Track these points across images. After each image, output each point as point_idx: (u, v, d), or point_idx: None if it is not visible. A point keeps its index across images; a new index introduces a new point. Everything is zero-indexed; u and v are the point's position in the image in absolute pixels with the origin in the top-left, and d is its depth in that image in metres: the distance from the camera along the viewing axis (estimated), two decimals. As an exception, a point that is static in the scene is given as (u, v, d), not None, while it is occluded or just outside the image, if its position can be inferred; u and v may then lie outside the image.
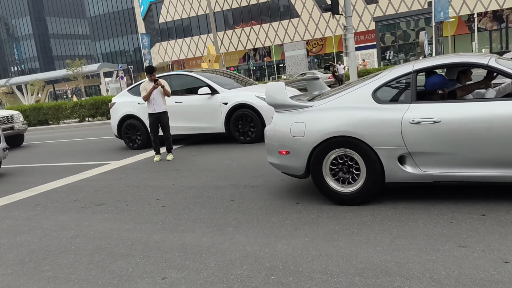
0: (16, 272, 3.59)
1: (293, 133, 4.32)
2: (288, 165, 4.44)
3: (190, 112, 9.20)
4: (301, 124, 4.28)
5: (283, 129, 4.41)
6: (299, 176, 4.45)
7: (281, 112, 4.53)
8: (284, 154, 4.44)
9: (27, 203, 5.99)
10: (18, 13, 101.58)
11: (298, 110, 4.42)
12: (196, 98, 9.14)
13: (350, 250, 3.21)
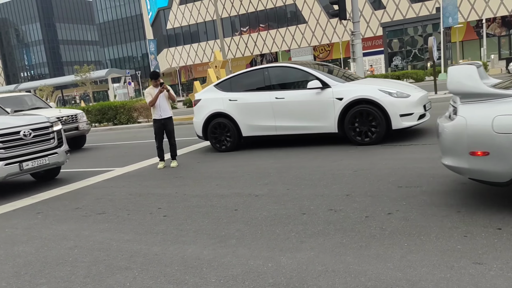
0: (10, 285, 3.46)
1: (498, 129, 3.49)
2: (486, 169, 3.62)
3: (294, 109, 8.06)
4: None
5: (479, 123, 3.58)
6: (501, 184, 3.63)
7: (472, 103, 3.69)
8: (479, 156, 3.62)
9: (28, 211, 5.88)
10: (28, 19, 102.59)
11: (502, 99, 3.55)
12: (302, 93, 8.00)
13: (359, 266, 3.04)
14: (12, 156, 6.79)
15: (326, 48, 51.08)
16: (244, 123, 8.61)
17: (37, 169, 7.10)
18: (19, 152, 6.87)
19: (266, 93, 8.37)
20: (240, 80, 8.83)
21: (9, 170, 6.70)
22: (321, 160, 6.90)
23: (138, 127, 18.50)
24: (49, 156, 7.25)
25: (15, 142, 6.84)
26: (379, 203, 4.39)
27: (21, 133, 6.89)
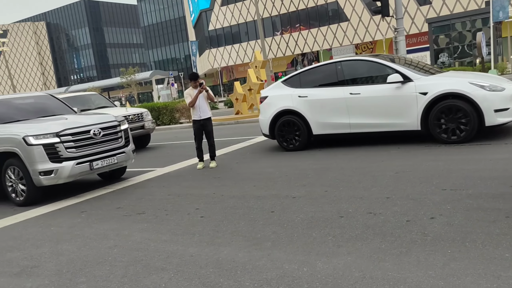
0: (52, 283, 3.57)
1: None
2: None
3: (371, 105, 7.54)
4: None
5: None
6: None
7: None
8: None
9: (73, 210, 6.08)
10: (77, 24, 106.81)
11: None
12: (380, 88, 7.47)
13: (398, 273, 2.91)
14: (83, 155, 6.73)
15: (368, 46, 50.07)
16: (315, 120, 8.16)
17: (106, 169, 7.10)
18: (89, 151, 6.82)
19: (339, 89, 7.87)
20: (310, 75, 8.42)
21: (80, 169, 6.64)
22: (360, 161, 6.73)
23: (179, 128, 18.81)
24: (117, 156, 7.21)
25: (85, 141, 6.78)
26: (421, 206, 4.21)
27: (91, 132, 6.83)
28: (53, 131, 6.52)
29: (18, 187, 6.72)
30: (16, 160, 6.59)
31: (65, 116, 7.33)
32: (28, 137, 6.39)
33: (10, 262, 4.23)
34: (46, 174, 6.42)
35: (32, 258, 4.26)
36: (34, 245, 4.67)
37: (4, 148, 6.67)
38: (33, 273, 3.85)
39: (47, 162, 6.42)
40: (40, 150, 6.39)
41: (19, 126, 6.78)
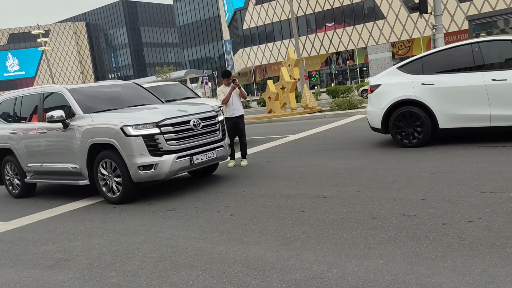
0: (83, 277, 3.62)
1: None
2: None
3: None
4: None
5: None
6: None
7: None
8: None
9: (106, 205, 6.18)
10: (115, 24, 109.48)
11: None
12: None
13: (432, 279, 2.78)
14: (183, 149, 6.04)
15: (405, 44, 48.97)
16: (442, 112, 7.01)
17: (205, 164, 6.36)
18: (189, 144, 6.13)
19: (477, 74, 6.74)
20: (436, 59, 7.27)
21: (180, 164, 5.94)
22: (395, 161, 6.54)
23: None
24: (216, 150, 6.50)
25: (185, 133, 6.09)
26: (458, 209, 4.03)
27: (191, 123, 6.16)
28: (153, 121, 5.87)
29: (112, 182, 6.11)
30: (111, 153, 5.97)
31: (157, 106, 6.68)
32: (127, 127, 5.75)
33: (44, 254, 4.34)
34: (145, 168, 5.77)
35: (65, 251, 4.35)
36: (67, 239, 4.77)
37: (99, 139, 6.02)
38: (65, 266, 3.93)
39: (147, 155, 5.76)
40: (139, 142, 5.74)
41: (115, 115, 6.14)
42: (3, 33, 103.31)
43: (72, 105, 6.48)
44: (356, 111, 15.74)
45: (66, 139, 6.46)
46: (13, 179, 7.75)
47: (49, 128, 6.71)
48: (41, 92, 7.10)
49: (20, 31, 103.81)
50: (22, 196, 7.67)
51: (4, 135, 7.60)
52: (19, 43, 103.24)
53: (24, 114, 7.45)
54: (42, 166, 7.00)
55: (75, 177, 6.62)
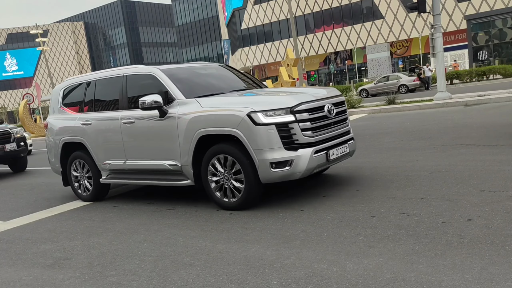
0: (83, 275, 3.62)
1: None
2: None
3: None
4: None
5: None
6: None
7: None
8: None
9: (105, 204, 6.18)
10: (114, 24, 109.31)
11: None
12: None
13: (432, 276, 2.79)
14: (319, 141, 4.84)
15: (404, 44, 48.98)
16: None
17: (339, 161, 5.22)
18: (325, 135, 4.95)
19: None
20: None
21: (317, 161, 4.75)
22: (394, 160, 6.55)
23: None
24: (349, 143, 5.39)
25: (321, 121, 4.89)
26: (457, 208, 4.04)
27: (325, 109, 4.96)
28: (287, 106, 4.65)
29: (230, 183, 4.89)
30: (230, 147, 4.79)
31: (264, 91, 5.64)
32: (256, 113, 4.58)
33: (44, 253, 4.33)
34: (278, 166, 4.60)
35: (65, 250, 4.35)
36: (67, 238, 4.77)
37: (213, 129, 4.85)
38: (65, 265, 3.93)
39: (281, 149, 4.59)
40: (272, 132, 4.56)
41: (231, 99, 5.00)
42: (1, 33, 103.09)
43: (169, 88, 5.32)
44: (354, 110, 15.75)
45: (162, 130, 5.30)
46: (83, 179, 6.51)
47: (138, 117, 5.57)
48: (123, 74, 5.92)
49: (19, 31, 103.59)
50: (94, 199, 6.47)
51: (73, 127, 6.40)
52: (18, 43, 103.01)
53: (100, 101, 6.22)
54: (126, 163, 5.84)
55: (172, 176, 5.46)
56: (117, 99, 5.92)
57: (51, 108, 6.97)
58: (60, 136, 6.58)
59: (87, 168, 6.38)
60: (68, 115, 6.58)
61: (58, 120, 6.72)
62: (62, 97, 6.81)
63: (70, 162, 6.56)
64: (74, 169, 6.57)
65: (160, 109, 5.23)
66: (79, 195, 6.59)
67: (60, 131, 6.59)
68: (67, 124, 6.50)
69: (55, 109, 6.88)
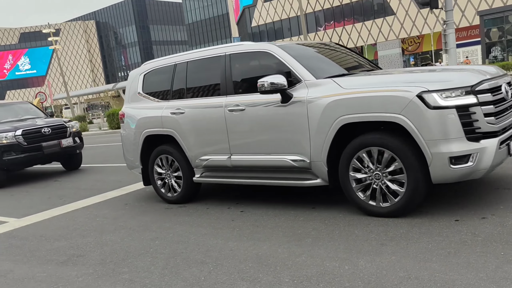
0: (96, 272, 3.66)
1: None
2: None
3: None
4: None
5: None
6: None
7: None
8: None
9: (117, 202, 6.23)
10: (125, 22, 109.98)
11: None
12: None
13: (446, 275, 2.76)
14: (502, 130, 3.89)
15: (415, 40, 48.54)
16: None
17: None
18: (505, 121, 3.95)
19: None
20: None
21: (501, 155, 3.84)
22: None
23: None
24: None
25: (501, 105, 3.93)
26: (471, 205, 4.00)
27: (502, 89, 4.00)
28: (466, 84, 3.72)
29: (383, 183, 3.98)
30: (387, 137, 3.87)
31: (420, 69, 4.67)
32: (430, 94, 3.66)
33: (57, 250, 4.38)
34: (458, 161, 3.66)
35: (78, 247, 4.39)
36: (80, 235, 4.81)
37: (370, 115, 3.89)
38: (78, 262, 3.96)
39: (462, 139, 3.65)
40: (453, 118, 3.64)
41: (392, 77, 4.05)
42: (15, 32, 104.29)
43: (293, 67, 4.41)
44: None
45: (285, 118, 4.39)
46: (169, 178, 5.62)
47: (250, 103, 4.65)
48: (224, 53, 4.98)
49: (31, 30, 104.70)
50: (182, 201, 5.56)
51: (159, 117, 5.50)
52: (30, 42, 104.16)
53: (195, 85, 5.30)
54: (230, 159, 4.94)
55: (294, 175, 4.54)
56: (218, 83, 5.02)
57: (127, 97, 6.13)
58: (142, 128, 5.71)
59: (176, 165, 5.49)
60: (152, 103, 5.70)
61: (138, 109, 5.84)
62: (142, 83, 5.93)
63: (154, 158, 5.70)
64: (159, 166, 5.69)
65: (283, 92, 4.34)
66: (163, 196, 5.73)
67: (142, 123, 5.72)
68: (151, 114, 5.60)
69: (133, 97, 6.01)
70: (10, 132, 9.01)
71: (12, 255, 4.44)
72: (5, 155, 8.94)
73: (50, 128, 9.47)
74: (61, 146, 9.49)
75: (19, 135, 9.03)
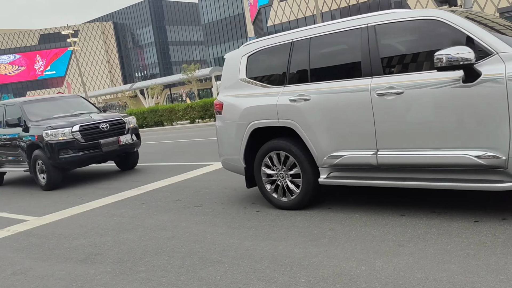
0: (114, 271, 3.70)
1: None
2: None
3: None
4: None
5: None
6: None
7: None
8: None
9: (135, 201, 6.29)
10: (142, 23, 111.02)
11: None
12: None
13: (465, 277, 2.72)
14: None
15: (434, 38, 47.89)
16: None
17: None
18: None
19: None
20: None
21: None
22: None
23: (238, 123, 18.97)
24: None
25: None
26: (491, 206, 3.93)
27: None
28: None
29: None
30: None
31: None
32: None
33: (76, 249, 4.44)
34: None
35: (96, 246, 4.45)
36: (98, 234, 4.87)
37: None
38: (96, 260, 4.01)
39: None
40: None
41: None
42: (34, 34, 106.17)
43: (479, 37, 3.48)
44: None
45: (469, 101, 3.46)
46: (283, 178, 4.67)
47: (412, 84, 3.72)
48: (366, 24, 4.09)
49: (51, 32, 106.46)
50: (298, 206, 4.62)
51: (274, 106, 4.58)
52: (50, 43, 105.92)
53: (323, 65, 4.40)
54: (376, 155, 4.00)
55: (477, 175, 3.59)
56: (357, 62, 4.10)
57: (224, 84, 5.31)
58: (248, 120, 4.81)
59: (290, 163, 4.59)
60: (261, 90, 4.81)
61: (241, 98, 4.96)
62: (246, 67, 5.04)
63: (262, 155, 4.79)
64: (267, 166, 4.80)
65: (469, 68, 3.42)
66: (273, 200, 4.82)
67: (248, 113, 4.81)
68: (262, 103, 4.70)
69: (233, 84, 5.15)
70: (67, 128, 8.12)
71: (32, 253, 4.52)
72: (62, 153, 8.05)
73: (108, 123, 8.55)
74: (119, 143, 8.56)
75: (76, 131, 8.16)
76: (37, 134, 8.23)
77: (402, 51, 3.97)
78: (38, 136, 8.18)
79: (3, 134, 9.20)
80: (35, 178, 8.56)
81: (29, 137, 8.42)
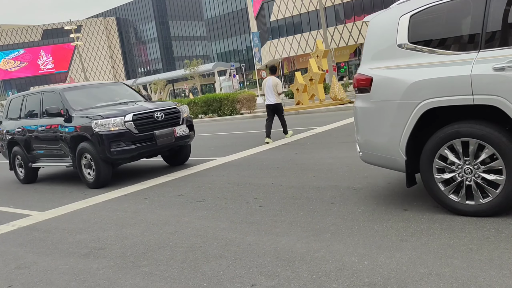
0: (117, 265, 3.71)
1: None
2: None
3: None
4: None
5: None
6: None
7: None
8: None
9: (137, 196, 6.30)
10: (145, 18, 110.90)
11: None
12: None
13: (467, 271, 2.71)
14: None
15: (437, 33, 47.64)
16: None
17: None
18: None
19: None
20: None
21: None
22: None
23: (240, 118, 18.98)
24: None
25: None
26: (494, 201, 3.90)
27: None
28: None
29: None
30: None
31: None
32: None
33: (79, 243, 4.46)
34: None
35: (99, 240, 4.46)
36: (101, 228, 4.89)
37: None
38: (99, 254, 4.03)
39: None
40: None
41: None
42: (38, 29, 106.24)
43: None
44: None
45: None
46: (469, 175, 3.57)
47: None
48: None
49: (54, 27, 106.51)
50: (493, 212, 3.50)
51: (469, 76, 3.41)
52: (53, 38, 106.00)
53: None
54: None
55: None
56: None
57: (370, 53, 4.18)
58: (418, 97, 3.68)
59: (488, 155, 3.46)
60: (436, 57, 3.65)
61: (404, 69, 3.83)
62: (408, 30, 3.86)
63: (437, 144, 3.67)
64: (443, 158, 3.70)
65: None
66: (450, 204, 3.72)
67: (419, 88, 3.67)
68: (443, 74, 3.54)
69: (387, 52, 4.01)
70: (119, 118, 7.10)
71: (36, 247, 4.54)
72: (113, 145, 7.05)
73: (163, 112, 7.55)
74: (175, 135, 7.59)
75: (129, 121, 7.15)
76: (83, 124, 7.26)
77: None
78: (85, 127, 7.19)
79: (40, 125, 8.21)
80: (80, 175, 7.61)
81: (74, 128, 7.43)
